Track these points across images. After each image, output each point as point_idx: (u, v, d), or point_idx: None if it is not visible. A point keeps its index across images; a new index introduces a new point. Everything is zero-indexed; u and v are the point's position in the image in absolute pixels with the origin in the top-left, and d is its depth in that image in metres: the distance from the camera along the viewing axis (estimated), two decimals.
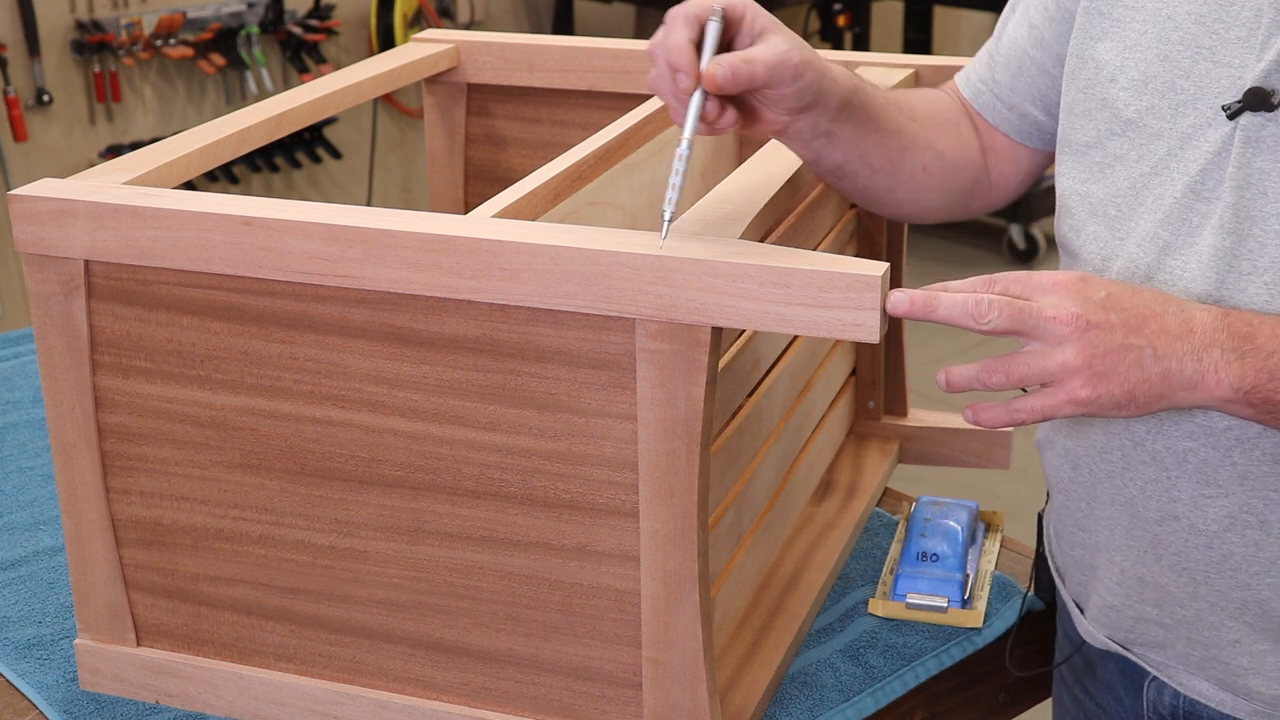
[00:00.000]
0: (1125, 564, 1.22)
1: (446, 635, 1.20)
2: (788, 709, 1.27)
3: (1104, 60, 1.21)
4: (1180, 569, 1.19)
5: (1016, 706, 1.44)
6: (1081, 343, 1.03)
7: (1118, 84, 1.19)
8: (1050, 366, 1.04)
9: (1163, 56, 1.16)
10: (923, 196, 1.36)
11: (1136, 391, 1.05)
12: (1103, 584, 1.25)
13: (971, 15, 6.39)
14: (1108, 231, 1.20)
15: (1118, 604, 1.24)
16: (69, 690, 1.30)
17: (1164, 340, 1.05)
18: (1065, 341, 1.03)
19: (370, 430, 1.16)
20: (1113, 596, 1.24)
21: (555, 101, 1.67)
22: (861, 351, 1.67)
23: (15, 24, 4.08)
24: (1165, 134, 1.16)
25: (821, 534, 1.48)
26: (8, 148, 4.11)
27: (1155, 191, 1.17)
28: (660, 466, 1.09)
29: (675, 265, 1.03)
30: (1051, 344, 1.04)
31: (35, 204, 1.16)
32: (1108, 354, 1.04)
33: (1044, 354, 1.04)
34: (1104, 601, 1.26)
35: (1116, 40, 1.20)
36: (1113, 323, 1.04)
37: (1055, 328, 1.03)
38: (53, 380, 1.22)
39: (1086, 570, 1.28)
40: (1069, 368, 1.03)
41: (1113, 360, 1.04)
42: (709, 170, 1.57)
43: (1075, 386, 1.04)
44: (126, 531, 1.25)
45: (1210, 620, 1.19)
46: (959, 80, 1.41)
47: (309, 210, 1.12)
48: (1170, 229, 1.15)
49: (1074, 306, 1.04)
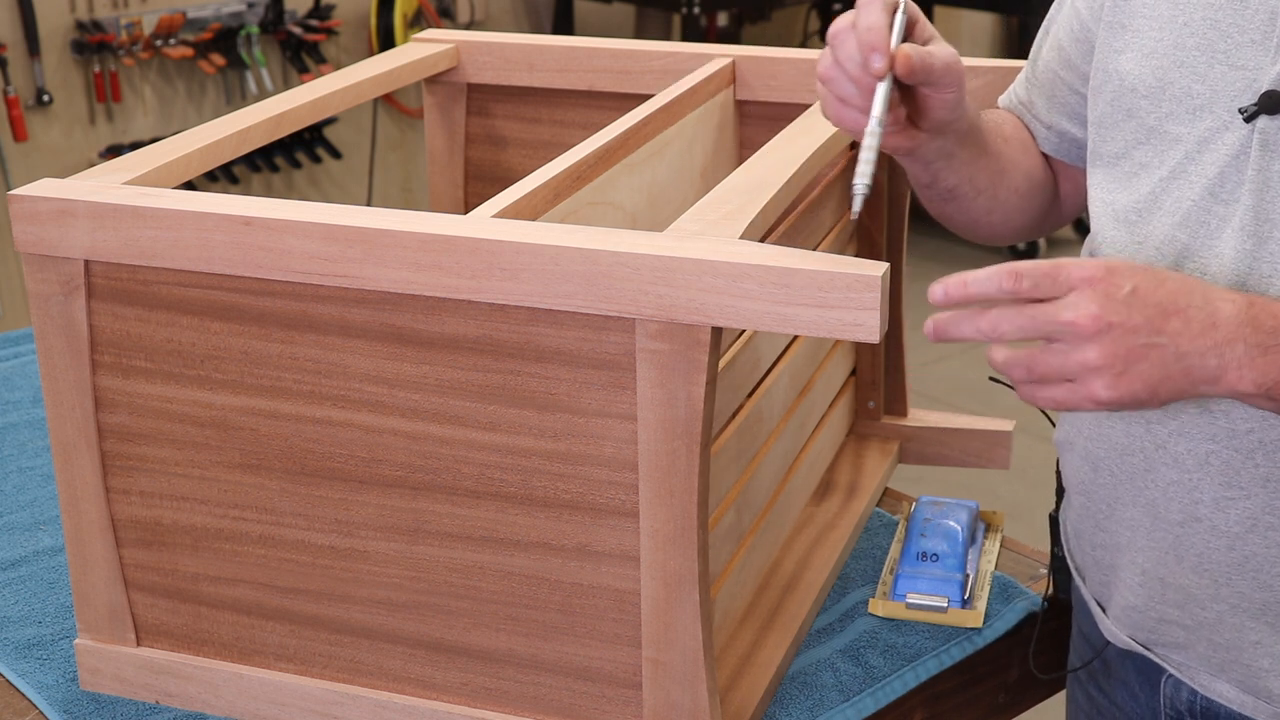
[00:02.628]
0: (1147, 565, 1.22)
1: (446, 635, 1.20)
2: (788, 709, 1.27)
3: (1125, 71, 1.21)
4: (1202, 570, 1.19)
5: (1016, 706, 1.44)
6: (1103, 343, 1.02)
7: (1138, 93, 1.20)
8: (1071, 365, 1.03)
9: (1179, 62, 1.17)
10: (1015, 218, 1.38)
11: (1159, 389, 1.03)
12: (1125, 584, 1.25)
13: (971, 15, 6.39)
14: (1127, 236, 1.20)
15: (1139, 604, 1.24)
16: (69, 690, 1.30)
17: (1187, 337, 1.03)
18: (1087, 342, 1.02)
19: (370, 430, 1.16)
20: (1134, 597, 1.24)
21: (555, 101, 1.67)
22: (861, 351, 1.67)
23: (15, 24, 4.08)
24: (1183, 138, 1.16)
25: (821, 534, 1.48)
26: (8, 148, 4.11)
27: (1174, 195, 1.17)
28: (660, 466, 1.09)
29: (675, 265, 1.03)
30: (1073, 344, 1.02)
31: (35, 204, 1.16)
32: (1130, 353, 1.02)
33: (1065, 352, 1.03)
34: (1126, 602, 1.25)
35: (1136, 50, 1.21)
36: (1135, 322, 1.02)
37: (1076, 330, 1.02)
38: (53, 380, 1.22)
39: (1108, 570, 1.27)
40: (1090, 367, 1.02)
41: (1135, 359, 1.02)
42: (709, 170, 1.57)
43: (1098, 388, 1.02)
44: (126, 531, 1.25)
45: (1232, 622, 1.19)
46: (1002, 104, 1.43)
47: (309, 210, 1.12)
48: (1189, 232, 1.15)
49: (1094, 307, 1.02)
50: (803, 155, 1.26)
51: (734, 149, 1.63)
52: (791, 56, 1.59)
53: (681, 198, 1.50)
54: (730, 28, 5.27)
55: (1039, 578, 1.45)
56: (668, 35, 5.21)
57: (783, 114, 1.53)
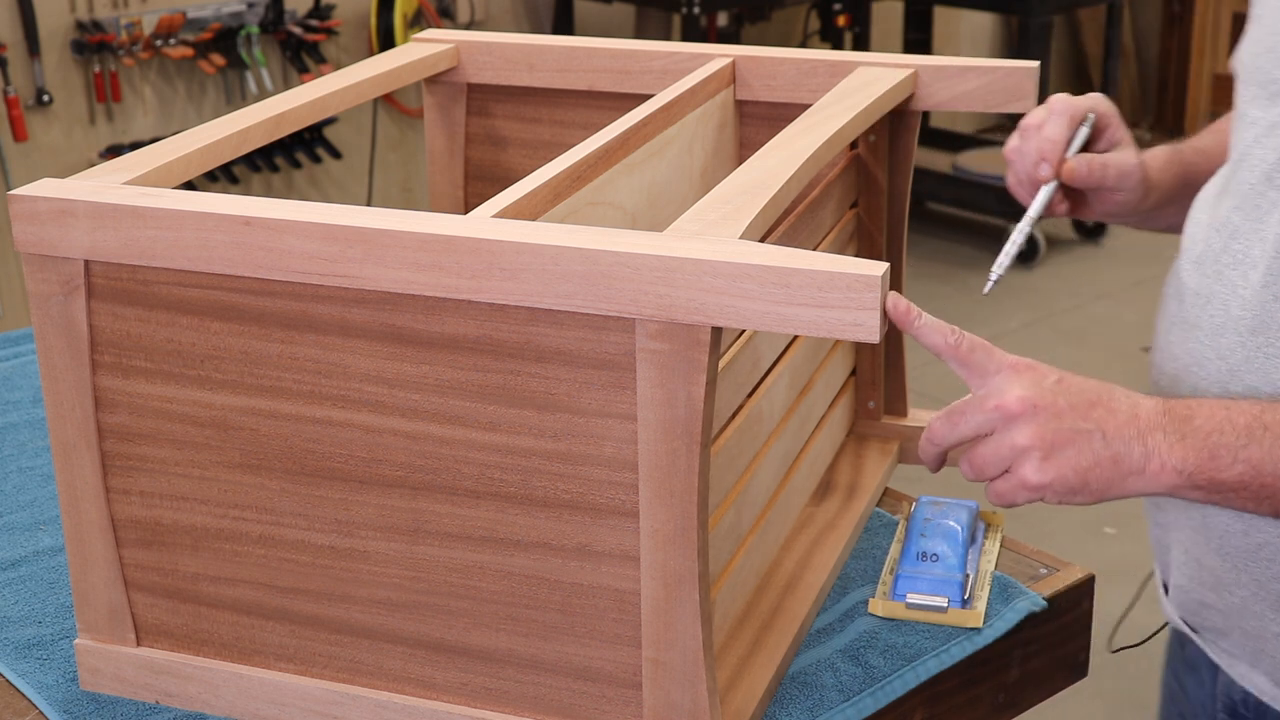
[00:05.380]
0: (1186, 543, 1.26)
1: (446, 635, 1.20)
2: (788, 709, 1.27)
3: (1242, 60, 1.26)
4: (1224, 553, 1.22)
5: (1016, 706, 1.44)
6: (1030, 424, 1.06)
7: (1242, 80, 1.23)
8: (1004, 450, 1.07)
9: (1270, 48, 1.19)
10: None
11: (1089, 476, 1.06)
12: (1174, 563, 1.31)
13: (971, 15, 6.40)
14: (1207, 217, 1.26)
15: (1184, 584, 1.29)
16: (69, 690, 1.30)
17: (1112, 424, 1.07)
18: (1014, 423, 1.06)
19: (370, 430, 1.16)
20: (1180, 576, 1.29)
21: (555, 101, 1.67)
22: (861, 351, 1.67)
23: (15, 24, 4.09)
24: (1258, 122, 1.19)
25: (821, 534, 1.48)
26: (8, 148, 4.11)
27: (1240, 177, 1.21)
28: (660, 466, 1.09)
29: (675, 265, 1.03)
30: (1003, 430, 1.07)
31: (35, 204, 1.16)
32: (1057, 436, 1.06)
33: (997, 439, 1.07)
34: (1176, 581, 1.31)
35: (1249, 40, 1.25)
36: (1061, 406, 1.06)
37: (1004, 413, 1.06)
38: (53, 380, 1.22)
39: (1163, 550, 1.34)
40: (1019, 448, 1.06)
41: (1062, 443, 1.06)
42: (709, 170, 1.57)
43: (1028, 471, 1.06)
44: (126, 531, 1.25)
45: (1254, 610, 1.21)
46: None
47: (309, 210, 1.12)
48: (1242, 214, 1.17)
49: (1019, 390, 1.06)
50: (803, 155, 1.26)
51: (734, 149, 1.63)
52: (791, 56, 1.59)
53: (681, 198, 1.50)
54: (730, 28, 5.27)
55: (1039, 578, 1.45)
56: (668, 35, 5.21)
57: (783, 114, 1.53)
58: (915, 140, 1.59)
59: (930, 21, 5.83)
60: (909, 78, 1.51)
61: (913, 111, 1.55)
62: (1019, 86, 1.50)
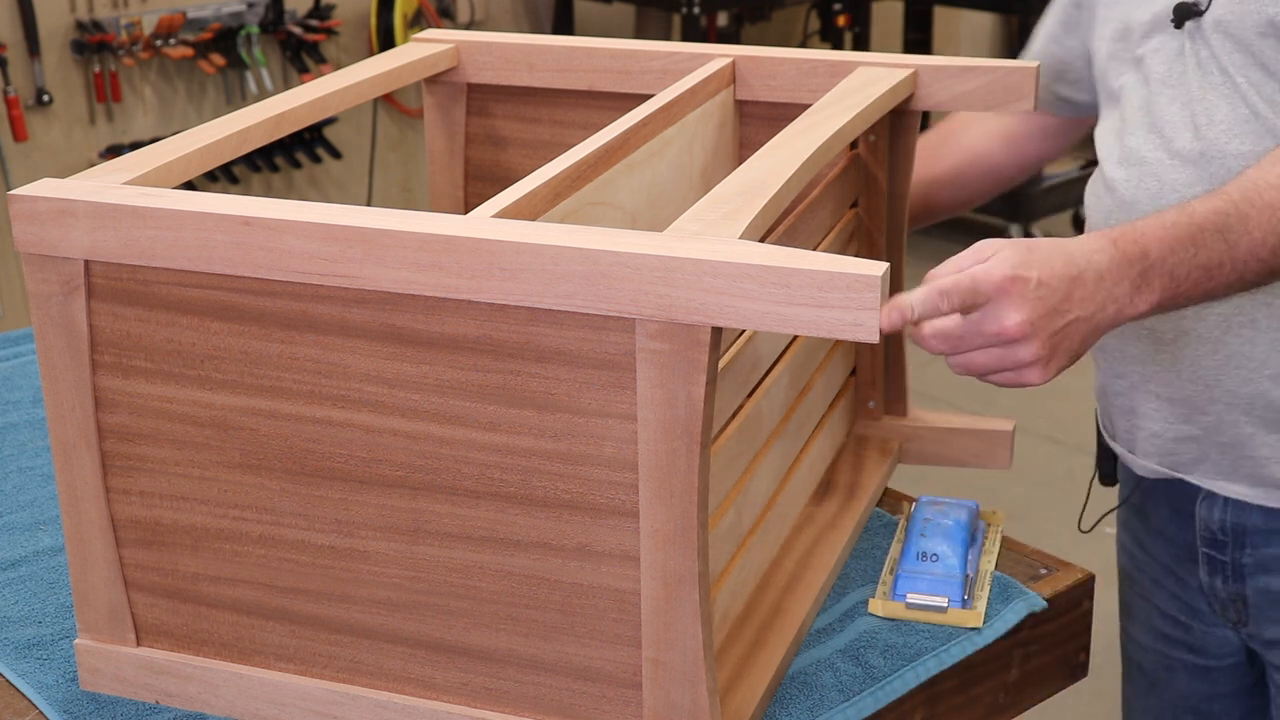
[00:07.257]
0: (1157, 389, 1.45)
1: (446, 635, 1.20)
2: (788, 709, 1.27)
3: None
4: (1196, 378, 1.43)
5: (1016, 706, 1.44)
6: (1031, 342, 1.17)
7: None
8: (1007, 364, 1.18)
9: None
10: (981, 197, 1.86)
11: (1081, 349, 1.21)
12: (1144, 416, 1.49)
13: (971, 15, 6.39)
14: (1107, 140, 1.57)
15: (1158, 429, 1.47)
16: (69, 690, 1.30)
17: (1090, 301, 1.19)
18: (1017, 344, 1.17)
19: (370, 430, 1.16)
20: (1154, 424, 1.47)
21: (555, 101, 1.67)
22: (861, 351, 1.67)
23: (15, 24, 4.08)
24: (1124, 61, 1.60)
25: (821, 534, 1.48)
26: (8, 148, 4.11)
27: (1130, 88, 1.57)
28: (660, 466, 1.09)
29: (675, 265, 1.03)
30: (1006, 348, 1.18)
31: (35, 204, 1.16)
32: (1053, 339, 1.18)
33: (1000, 355, 1.18)
34: (1149, 431, 1.49)
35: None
36: (1050, 306, 1.18)
37: (1005, 338, 1.17)
38: (53, 380, 1.22)
39: (1129, 414, 1.52)
40: (1024, 363, 1.18)
41: (1058, 342, 1.18)
42: (709, 170, 1.57)
43: (1032, 376, 1.19)
44: (126, 531, 1.25)
45: (1229, 420, 1.42)
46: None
47: (309, 210, 1.12)
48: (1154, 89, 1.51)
49: (1017, 314, 1.16)
50: (803, 155, 1.26)
51: (734, 149, 1.63)
52: (791, 56, 1.58)
53: (681, 198, 1.50)
54: (730, 28, 5.27)
55: (1039, 578, 1.45)
56: (668, 35, 5.21)
57: (783, 114, 1.53)
58: (915, 140, 1.59)
59: (930, 21, 5.83)
60: (909, 78, 1.51)
61: (913, 111, 1.55)
62: (1019, 86, 1.50)
